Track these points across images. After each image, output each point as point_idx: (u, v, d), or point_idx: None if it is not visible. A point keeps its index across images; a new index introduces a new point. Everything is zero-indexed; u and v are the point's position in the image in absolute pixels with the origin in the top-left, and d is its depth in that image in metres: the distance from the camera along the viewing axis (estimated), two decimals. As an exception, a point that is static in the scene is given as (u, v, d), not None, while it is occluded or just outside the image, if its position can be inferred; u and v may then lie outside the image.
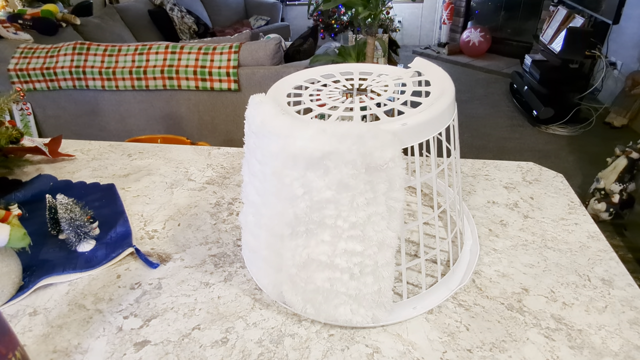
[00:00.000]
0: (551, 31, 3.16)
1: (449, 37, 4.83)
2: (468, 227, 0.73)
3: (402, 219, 0.50)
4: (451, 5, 4.63)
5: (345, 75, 0.67)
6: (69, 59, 1.90)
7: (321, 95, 0.58)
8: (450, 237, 0.61)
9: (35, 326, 0.58)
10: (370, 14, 2.07)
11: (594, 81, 3.04)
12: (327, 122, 0.46)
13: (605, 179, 1.97)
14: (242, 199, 0.61)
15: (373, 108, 0.52)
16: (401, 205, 0.48)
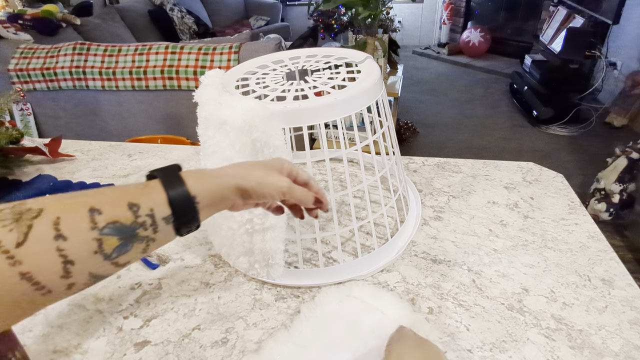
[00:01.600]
0: (551, 31, 3.16)
1: (449, 37, 4.83)
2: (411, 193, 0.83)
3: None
4: (451, 5, 4.63)
5: (293, 60, 0.76)
6: (69, 59, 1.90)
7: (266, 79, 0.66)
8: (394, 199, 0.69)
9: (35, 326, 0.58)
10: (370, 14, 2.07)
11: (594, 81, 3.04)
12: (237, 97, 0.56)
13: (605, 179, 1.97)
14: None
15: (305, 89, 0.62)
16: None
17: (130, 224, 0.31)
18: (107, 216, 0.30)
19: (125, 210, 0.31)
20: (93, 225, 0.29)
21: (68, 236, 0.28)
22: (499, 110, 3.29)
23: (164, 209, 0.33)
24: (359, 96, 0.58)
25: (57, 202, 0.30)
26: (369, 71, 0.64)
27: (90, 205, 0.30)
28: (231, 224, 0.61)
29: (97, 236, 0.29)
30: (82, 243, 0.29)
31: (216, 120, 0.56)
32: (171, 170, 0.36)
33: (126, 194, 0.32)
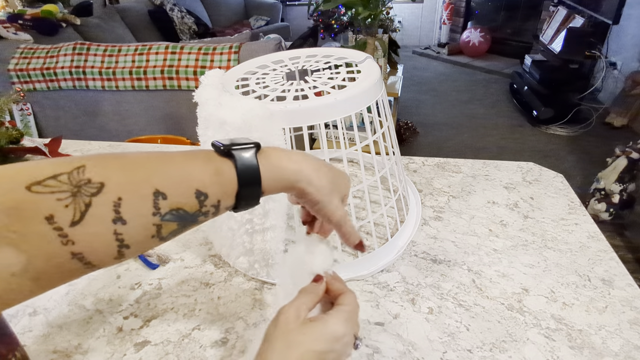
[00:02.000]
0: (551, 31, 3.16)
1: (449, 37, 4.83)
2: (411, 193, 0.83)
3: None
4: (451, 5, 4.63)
5: (293, 60, 0.76)
6: (69, 59, 1.90)
7: (266, 79, 0.67)
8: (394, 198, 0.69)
9: (35, 326, 0.58)
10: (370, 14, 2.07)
11: (594, 81, 3.04)
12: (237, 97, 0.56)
13: (605, 179, 1.97)
14: None
15: (305, 89, 0.61)
16: None
17: (194, 212, 0.30)
18: (171, 202, 0.28)
19: (191, 197, 0.29)
20: (156, 210, 0.27)
21: (128, 220, 0.26)
22: (499, 110, 3.29)
23: (231, 200, 0.32)
24: (359, 96, 0.58)
25: (121, 175, 0.27)
26: (369, 71, 0.64)
27: (156, 187, 0.27)
28: (231, 224, 0.61)
29: (157, 222, 0.28)
30: (142, 228, 0.27)
31: (216, 120, 0.56)
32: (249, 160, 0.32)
33: (196, 177, 0.29)
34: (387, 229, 0.68)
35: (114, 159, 0.28)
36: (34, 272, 0.24)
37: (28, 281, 0.24)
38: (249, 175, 0.32)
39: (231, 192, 0.31)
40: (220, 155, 0.32)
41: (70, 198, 0.25)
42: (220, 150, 0.32)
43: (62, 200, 0.24)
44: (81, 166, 0.26)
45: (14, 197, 0.24)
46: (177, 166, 0.29)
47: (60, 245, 0.25)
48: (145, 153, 0.29)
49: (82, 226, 0.25)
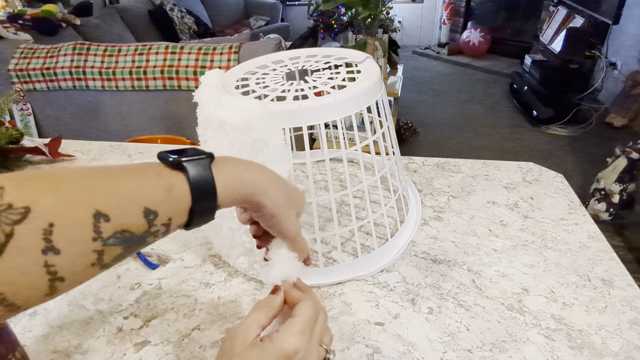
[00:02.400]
0: (551, 31, 3.16)
1: (449, 37, 4.83)
2: (411, 193, 0.82)
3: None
4: (451, 5, 4.63)
5: (293, 60, 0.75)
6: (69, 59, 1.90)
7: (266, 79, 0.67)
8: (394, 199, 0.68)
9: (35, 326, 0.58)
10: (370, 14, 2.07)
11: (594, 81, 3.04)
12: (237, 97, 0.56)
13: (605, 179, 1.97)
14: None
15: (305, 89, 0.61)
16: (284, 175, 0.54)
17: (141, 233, 0.26)
18: (115, 224, 0.24)
19: (139, 217, 0.26)
20: (97, 235, 0.23)
21: (62, 249, 0.22)
22: (499, 110, 3.29)
23: (184, 217, 0.29)
24: (359, 96, 0.58)
25: (52, 197, 0.22)
26: (369, 71, 0.64)
27: (96, 208, 0.23)
28: (231, 225, 0.61)
29: (99, 247, 0.24)
30: (79, 256, 0.23)
31: (216, 120, 0.56)
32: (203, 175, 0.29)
33: (143, 194, 0.26)
34: (387, 229, 0.68)
35: (41, 178, 0.23)
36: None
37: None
38: (203, 189, 0.29)
39: (184, 209, 0.28)
40: (170, 169, 0.28)
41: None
42: (170, 162, 0.28)
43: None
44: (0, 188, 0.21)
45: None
46: (121, 182, 0.26)
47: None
48: (81, 169, 0.25)
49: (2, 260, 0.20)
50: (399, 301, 0.60)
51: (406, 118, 3.06)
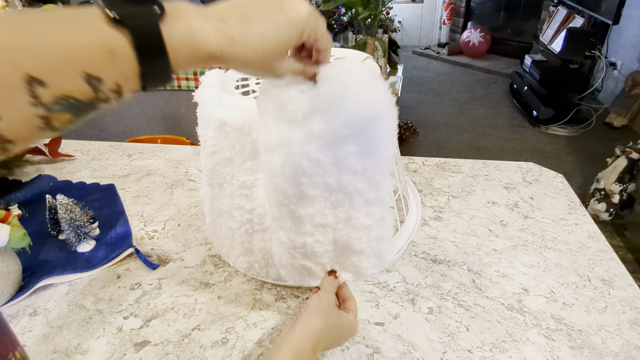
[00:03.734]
0: (551, 31, 3.16)
1: (449, 37, 4.83)
2: (411, 193, 0.81)
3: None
4: (451, 5, 4.63)
5: None
6: (69, 59, 1.90)
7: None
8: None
9: (35, 326, 0.58)
10: (370, 14, 2.07)
11: (594, 81, 3.04)
12: (237, 98, 0.55)
13: (605, 179, 1.97)
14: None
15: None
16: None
17: (88, 100, 0.24)
18: (54, 90, 0.22)
19: (80, 83, 0.23)
20: (35, 101, 0.22)
21: (2, 114, 0.21)
22: (499, 110, 3.29)
23: (135, 83, 0.25)
24: None
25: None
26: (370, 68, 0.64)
27: (27, 72, 0.21)
28: (231, 224, 0.61)
29: (43, 113, 0.22)
30: (22, 121, 0.22)
31: (216, 121, 0.55)
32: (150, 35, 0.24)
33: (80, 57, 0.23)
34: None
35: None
36: None
37: None
38: (152, 55, 0.25)
39: (132, 74, 0.25)
40: (111, 25, 0.23)
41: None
42: (110, 17, 0.23)
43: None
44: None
45: None
46: (54, 41, 0.22)
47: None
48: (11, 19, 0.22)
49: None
50: (399, 301, 0.60)
51: (406, 118, 3.06)
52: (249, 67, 0.32)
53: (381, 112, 0.40)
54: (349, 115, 0.38)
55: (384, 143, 0.42)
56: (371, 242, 0.48)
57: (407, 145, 2.79)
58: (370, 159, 0.42)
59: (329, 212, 0.44)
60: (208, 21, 0.28)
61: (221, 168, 0.58)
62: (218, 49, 0.28)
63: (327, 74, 0.38)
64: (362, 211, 0.45)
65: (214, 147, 0.57)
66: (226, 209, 0.60)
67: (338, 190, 0.43)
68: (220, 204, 0.61)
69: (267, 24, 0.30)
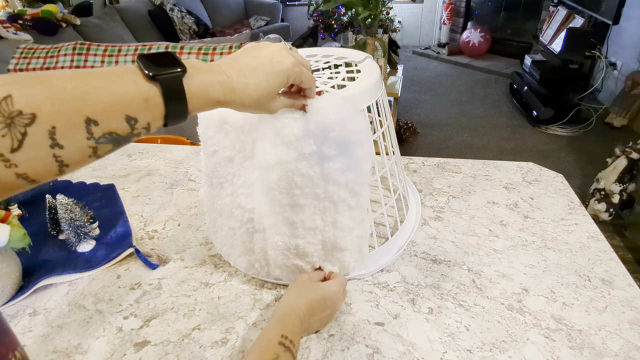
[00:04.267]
0: (551, 31, 3.16)
1: (449, 37, 4.83)
2: (411, 192, 0.81)
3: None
4: (451, 5, 4.63)
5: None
6: (69, 59, 1.90)
7: None
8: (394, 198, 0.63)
9: (35, 326, 0.58)
10: (370, 14, 2.07)
11: (594, 81, 3.04)
12: None
13: (605, 179, 1.97)
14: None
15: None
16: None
17: (126, 134, 0.32)
18: (103, 127, 0.30)
19: (122, 122, 0.31)
20: (89, 135, 0.30)
21: (65, 145, 0.29)
22: (499, 110, 3.29)
23: (160, 121, 0.34)
24: (358, 96, 0.58)
25: (51, 106, 0.28)
26: (369, 71, 0.64)
27: (87, 115, 0.29)
28: (232, 224, 0.61)
29: (93, 145, 0.30)
30: (78, 151, 0.30)
31: (217, 120, 0.55)
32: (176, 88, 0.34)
33: (125, 104, 0.31)
34: (388, 228, 0.68)
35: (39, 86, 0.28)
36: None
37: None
38: (175, 101, 0.34)
39: (159, 116, 0.34)
40: (146, 79, 0.32)
41: (6, 129, 0.26)
42: (148, 75, 0.32)
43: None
44: (7, 96, 0.27)
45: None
46: (106, 92, 0.30)
47: (4, 169, 0.27)
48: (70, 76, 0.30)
49: (22, 152, 0.27)
50: (399, 301, 0.60)
51: (406, 118, 3.06)
52: (248, 108, 0.41)
53: (360, 138, 0.49)
54: (336, 139, 0.47)
55: (362, 160, 0.51)
56: (353, 240, 0.56)
57: (407, 145, 2.79)
58: (352, 173, 0.50)
59: (318, 218, 0.53)
60: (215, 76, 0.37)
61: (222, 167, 0.59)
62: (223, 97, 0.37)
63: (316, 105, 0.47)
64: (346, 215, 0.54)
65: (215, 146, 0.57)
66: (227, 208, 0.60)
67: (325, 199, 0.51)
68: (221, 204, 0.61)
69: (260, 75, 0.39)
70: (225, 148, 0.56)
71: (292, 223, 0.53)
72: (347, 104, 0.49)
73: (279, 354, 0.41)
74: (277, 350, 0.42)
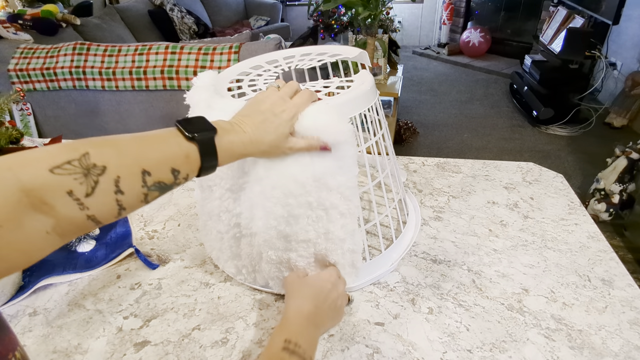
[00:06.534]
0: (551, 31, 3.16)
1: (449, 37, 4.83)
2: (408, 198, 0.80)
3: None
4: (451, 5, 4.62)
5: (287, 59, 0.73)
6: (69, 59, 1.90)
7: (259, 81, 0.66)
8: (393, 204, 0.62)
9: (35, 326, 0.58)
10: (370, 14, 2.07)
11: (594, 81, 3.04)
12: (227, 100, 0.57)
13: (605, 180, 1.97)
14: None
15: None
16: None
17: (170, 183, 0.40)
18: (154, 178, 0.38)
19: (168, 174, 0.39)
20: (144, 184, 0.37)
21: (125, 191, 0.36)
22: (499, 110, 3.29)
23: (196, 173, 0.42)
24: (351, 102, 0.56)
25: (117, 160, 0.35)
26: (362, 79, 0.62)
27: (143, 167, 0.37)
28: (220, 228, 0.60)
29: (145, 192, 0.37)
30: (135, 197, 0.37)
31: None
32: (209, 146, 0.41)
33: (171, 159, 0.39)
34: (392, 230, 0.67)
35: (109, 146, 0.36)
36: (61, 230, 0.33)
37: (57, 236, 0.33)
38: (209, 156, 0.42)
39: (196, 168, 0.41)
40: (187, 140, 0.40)
41: (83, 178, 0.33)
42: (187, 137, 0.40)
43: (77, 179, 0.33)
44: (86, 153, 0.34)
45: (42, 179, 0.32)
46: (157, 150, 0.39)
47: (79, 211, 0.33)
48: (131, 138, 0.38)
49: (93, 197, 0.34)
50: (399, 301, 0.60)
51: (406, 118, 3.06)
52: (266, 154, 0.49)
53: (349, 139, 0.51)
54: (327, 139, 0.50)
55: (350, 163, 0.53)
56: (345, 254, 0.57)
57: (407, 145, 2.79)
58: (342, 177, 0.52)
59: (311, 229, 0.54)
60: (237, 135, 0.44)
61: None
62: (244, 150, 0.46)
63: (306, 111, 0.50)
64: (337, 224, 0.54)
65: None
66: (215, 211, 0.60)
67: (318, 207, 0.52)
68: (210, 207, 0.61)
69: (269, 126, 0.47)
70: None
71: (285, 236, 0.54)
72: (335, 109, 0.51)
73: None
74: (282, 356, 0.41)
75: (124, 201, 0.36)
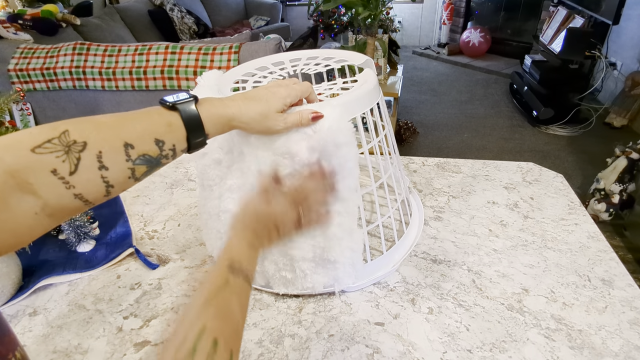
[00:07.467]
0: (551, 31, 3.15)
1: (448, 37, 4.82)
2: (412, 199, 0.79)
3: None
4: (451, 5, 4.62)
5: (294, 62, 0.73)
6: (69, 59, 1.90)
7: (264, 82, 0.66)
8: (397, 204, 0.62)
9: (35, 326, 0.58)
10: (370, 14, 2.06)
11: (594, 81, 3.03)
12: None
13: (605, 179, 1.97)
14: None
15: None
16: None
17: (156, 156, 0.39)
18: (138, 150, 0.37)
19: (152, 145, 0.38)
20: (128, 157, 0.36)
21: (109, 166, 0.35)
22: (499, 110, 3.29)
23: (184, 144, 0.41)
24: (354, 103, 0.56)
25: (97, 134, 0.35)
26: (365, 79, 0.62)
27: (125, 140, 0.36)
28: (219, 227, 0.60)
29: (131, 166, 0.37)
30: (120, 172, 0.36)
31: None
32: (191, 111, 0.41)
33: (152, 130, 0.38)
34: (395, 232, 0.67)
35: (88, 123, 0.36)
36: (49, 210, 0.33)
37: (46, 217, 0.33)
38: (193, 122, 0.41)
39: (182, 138, 0.40)
40: (167, 109, 0.40)
41: (65, 155, 0.33)
42: (167, 105, 0.40)
43: (60, 157, 0.33)
44: (65, 131, 0.34)
45: (24, 159, 0.31)
46: (138, 122, 0.38)
47: (65, 190, 0.33)
48: (111, 116, 0.38)
49: (78, 174, 0.33)
50: (399, 301, 0.60)
51: (406, 118, 3.06)
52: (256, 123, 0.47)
53: (349, 140, 0.51)
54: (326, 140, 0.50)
55: (351, 166, 0.53)
56: (343, 252, 0.57)
57: (407, 145, 2.79)
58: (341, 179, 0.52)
59: None
60: (222, 101, 0.44)
61: (210, 170, 0.59)
62: (232, 114, 0.44)
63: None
64: (334, 222, 0.54)
65: (204, 148, 0.57)
66: (215, 211, 0.60)
67: None
68: (210, 206, 0.61)
69: (260, 98, 0.47)
70: (213, 150, 0.57)
71: None
72: (337, 109, 0.51)
73: (228, 279, 0.40)
74: (226, 275, 0.41)
75: (109, 177, 0.35)
